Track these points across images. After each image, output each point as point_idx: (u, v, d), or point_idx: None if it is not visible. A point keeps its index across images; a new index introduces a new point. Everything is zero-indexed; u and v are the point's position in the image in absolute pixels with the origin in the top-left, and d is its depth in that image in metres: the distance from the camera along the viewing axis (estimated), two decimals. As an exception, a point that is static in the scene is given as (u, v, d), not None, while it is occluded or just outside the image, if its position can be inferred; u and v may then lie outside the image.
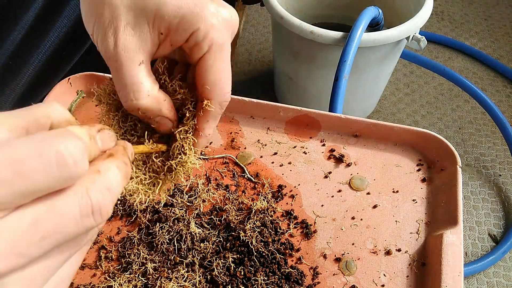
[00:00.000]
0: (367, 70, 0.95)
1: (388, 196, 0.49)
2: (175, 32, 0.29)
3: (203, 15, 0.29)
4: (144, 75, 0.29)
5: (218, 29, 0.29)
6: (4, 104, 0.61)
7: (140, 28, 0.28)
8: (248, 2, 1.17)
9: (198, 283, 0.41)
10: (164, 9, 0.28)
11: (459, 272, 0.40)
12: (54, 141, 0.18)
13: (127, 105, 0.29)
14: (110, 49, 0.28)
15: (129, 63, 0.28)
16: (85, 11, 0.29)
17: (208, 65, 0.30)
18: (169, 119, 0.31)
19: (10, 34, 0.56)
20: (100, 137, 0.23)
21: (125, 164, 0.23)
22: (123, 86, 0.28)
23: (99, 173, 0.21)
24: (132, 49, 0.28)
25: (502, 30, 1.44)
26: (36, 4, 0.56)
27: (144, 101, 0.28)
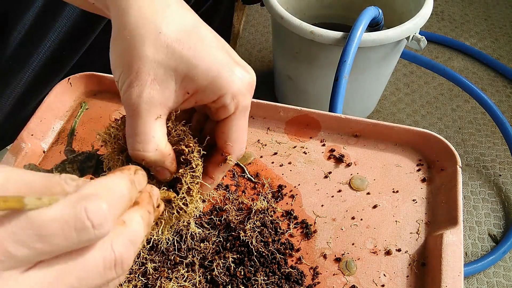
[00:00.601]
0: (367, 70, 0.95)
1: (388, 196, 0.49)
2: (203, 92, 0.30)
3: (232, 80, 0.30)
4: (157, 129, 0.30)
5: (243, 93, 0.31)
6: (5, 104, 0.61)
7: (166, 85, 0.29)
8: (248, 2, 1.17)
9: (198, 283, 0.41)
10: (194, 72, 0.29)
11: (459, 272, 0.40)
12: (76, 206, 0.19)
13: (132, 154, 0.29)
14: (132, 98, 0.28)
15: (147, 116, 0.29)
16: (114, 58, 0.30)
17: (232, 125, 0.32)
18: (169, 171, 0.32)
19: (11, 34, 0.56)
20: (136, 179, 0.24)
21: (148, 213, 0.24)
22: (134, 135, 0.29)
23: (124, 224, 0.22)
24: (154, 103, 0.29)
25: (502, 30, 1.44)
26: (36, 4, 0.56)
27: (150, 154, 0.29)
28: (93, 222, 0.19)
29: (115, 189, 0.22)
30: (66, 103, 0.58)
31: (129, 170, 0.24)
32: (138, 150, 0.29)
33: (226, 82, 0.30)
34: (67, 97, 0.58)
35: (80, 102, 0.59)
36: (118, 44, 0.29)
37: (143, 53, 0.28)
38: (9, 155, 0.51)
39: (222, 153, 0.33)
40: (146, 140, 0.29)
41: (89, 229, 0.19)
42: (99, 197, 0.20)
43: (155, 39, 0.29)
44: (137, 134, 0.29)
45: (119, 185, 0.22)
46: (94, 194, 0.20)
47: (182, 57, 0.29)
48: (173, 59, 0.29)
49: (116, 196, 0.22)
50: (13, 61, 0.58)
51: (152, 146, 0.29)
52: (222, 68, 0.30)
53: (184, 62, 0.29)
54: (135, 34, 0.29)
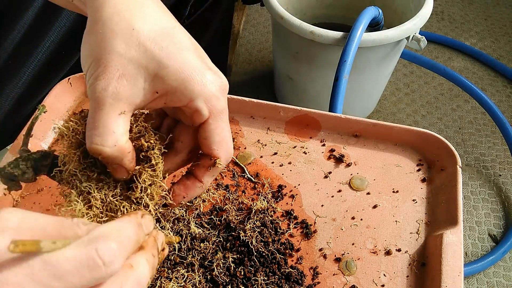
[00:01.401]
0: (367, 70, 0.95)
1: (388, 196, 0.49)
2: (172, 94, 0.30)
3: (203, 83, 0.30)
4: (119, 125, 0.29)
5: (216, 96, 0.31)
6: (4, 103, 0.61)
7: (134, 82, 0.29)
8: (248, 2, 1.17)
9: (198, 283, 0.41)
10: (164, 72, 0.29)
11: (459, 272, 0.40)
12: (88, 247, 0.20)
13: (90, 147, 0.29)
14: (97, 90, 0.28)
15: (110, 110, 0.28)
16: (84, 51, 0.30)
17: (211, 129, 0.32)
18: (126, 169, 0.31)
19: (10, 33, 0.56)
20: (144, 223, 0.25)
21: (153, 256, 0.26)
22: (94, 128, 0.28)
23: (131, 268, 0.23)
24: (119, 98, 0.28)
25: (502, 30, 1.44)
26: (35, 4, 0.56)
27: (108, 150, 0.29)
28: (104, 260, 0.20)
29: (123, 232, 0.23)
30: (66, 103, 0.58)
31: (136, 214, 0.25)
32: (96, 143, 0.28)
33: (197, 85, 0.30)
34: (67, 97, 0.58)
35: (80, 102, 0.59)
36: (90, 38, 0.29)
37: (113, 48, 0.28)
38: (9, 155, 0.51)
39: (211, 158, 0.33)
40: (105, 134, 0.28)
41: (101, 267, 0.20)
42: (109, 238, 0.21)
43: (128, 35, 0.28)
44: (97, 128, 0.28)
45: (127, 228, 0.23)
46: (104, 235, 0.21)
47: (154, 56, 0.29)
48: (144, 57, 0.29)
49: (124, 238, 0.23)
50: (12, 61, 0.58)
51: (111, 141, 0.29)
52: (193, 71, 0.30)
53: (155, 61, 0.29)
54: (107, 28, 0.28)
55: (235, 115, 0.57)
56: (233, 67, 1.32)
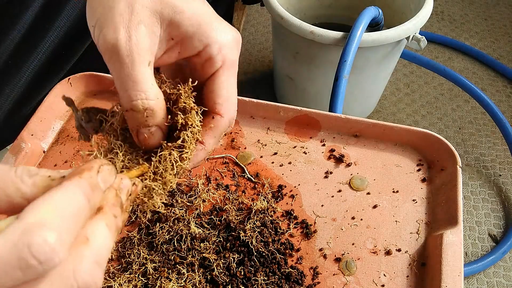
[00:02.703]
0: (367, 70, 0.95)
1: (388, 196, 0.49)
2: (189, 40, 0.28)
3: (219, 30, 0.29)
4: (152, 77, 0.28)
5: (230, 46, 0.30)
6: (4, 103, 0.61)
7: (152, 28, 0.27)
8: (248, 2, 1.17)
9: (198, 283, 0.41)
10: (180, 16, 0.28)
11: (459, 272, 0.40)
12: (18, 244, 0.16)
13: (134, 105, 0.27)
14: (121, 42, 0.26)
15: (141, 61, 0.26)
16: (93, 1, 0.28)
17: (221, 81, 0.30)
18: (164, 132, 0.29)
19: (10, 33, 0.56)
20: (101, 178, 0.21)
21: (115, 217, 0.21)
22: (132, 84, 0.26)
23: (87, 242, 0.19)
24: (144, 47, 0.27)
25: (502, 30, 1.44)
26: (35, 3, 0.56)
27: (154, 103, 0.27)
28: (39, 259, 0.17)
29: (70, 205, 0.19)
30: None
31: (90, 170, 0.21)
32: (142, 98, 0.26)
33: (213, 30, 0.29)
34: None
35: (80, 102, 0.59)
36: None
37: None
38: (9, 155, 0.51)
39: (213, 115, 0.31)
40: (146, 87, 0.27)
41: (36, 266, 0.17)
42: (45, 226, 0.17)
43: None
44: (137, 82, 0.26)
45: (74, 199, 0.19)
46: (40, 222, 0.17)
47: (168, 1, 0.28)
48: (158, 2, 0.27)
49: (71, 214, 0.18)
50: (12, 61, 0.58)
51: (153, 94, 0.27)
52: (210, 18, 0.29)
53: (170, 6, 0.28)
54: None
55: (235, 115, 0.57)
56: (233, 67, 1.31)
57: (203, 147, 0.31)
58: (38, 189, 0.19)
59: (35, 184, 0.19)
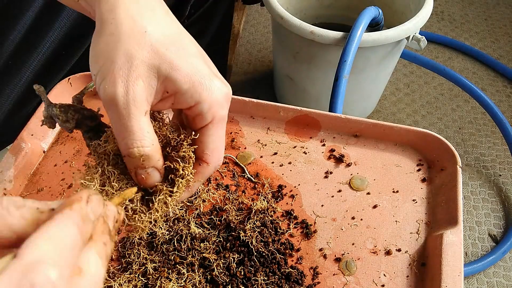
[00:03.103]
0: (367, 70, 0.95)
1: (388, 196, 0.49)
2: (182, 96, 0.31)
3: (211, 89, 0.31)
4: (149, 125, 0.30)
5: (221, 103, 0.32)
6: (4, 103, 0.61)
7: (149, 82, 0.29)
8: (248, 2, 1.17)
9: (198, 283, 0.41)
10: (176, 74, 0.30)
11: (459, 272, 0.40)
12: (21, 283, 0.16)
13: (130, 152, 0.29)
14: (119, 96, 0.28)
15: (138, 113, 0.29)
16: (95, 52, 0.30)
17: (209, 134, 0.33)
18: (160, 172, 0.32)
19: (10, 33, 0.56)
20: (90, 208, 0.21)
21: (104, 245, 0.22)
22: (128, 134, 0.29)
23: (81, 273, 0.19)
24: (141, 99, 0.29)
25: (502, 30, 1.44)
26: (35, 4, 0.56)
27: (149, 149, 0.30)
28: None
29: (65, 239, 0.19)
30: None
31: (79, 202, 0.21)
32: (137, 146, 0.29)
33: (205, 90, 0.31)
34: (67, 97, 0.58)
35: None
36: (101, 40, 0.30)
37: (127, 49, 0.29)
38: (9, 155, 0.51)
39: (200, 162, 0.34)
40: (142, 136, 0.29)
41: None
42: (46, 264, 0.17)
43: (140, 37, 0.29)
44: (133, 132, 0.29)
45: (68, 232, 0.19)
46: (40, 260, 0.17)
47: (166, 58, 0.30)
48: (157, 58, 0.29)
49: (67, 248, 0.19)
50: (12, 61, 0.58)
51: (148, 141, 0.30)
52: (203, 77, 0.31)
53: (167, 63, 0.30)
54: (120, 30, 0.29)
55: (235, 115, 0.57)
56: (233, 67, 1.32)
57: (187, 189, 0.34)
58: (26, 222, 0.19)
59: (23, 216, 0.19)
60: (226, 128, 0.56)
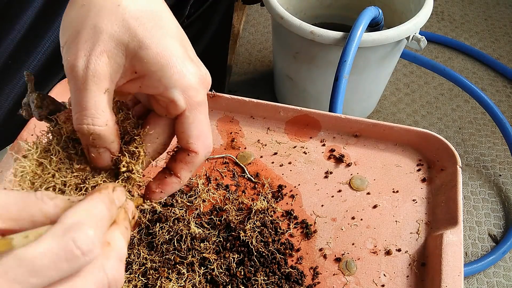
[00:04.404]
0: (367, 70, 0.95)
1: (388, 196, 0.49)
2: (149, 79, 0.29)
3: (182, 73, 0.29)
4: (106, 104, 0.28)
5: (195, 87, 0.30)
6: (4, 103, 0.61)
7: (116, 59, 0.28)
8: (248, 2, 1.17)
9: (198, 283, 0.41)
10: (145, 53, 0.28)
11: (459, 272, 0.40)
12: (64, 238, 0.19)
13: (79, 128, 0.28)
14: (78, 69, 0.27)
15: (95, 89, 0.27)
16: (64, 24, 0.29)
17: (188, 123, 0.31)
18: (112, 154, 0.30)
19: (10, 33, 0.56)
20: (116, 195, 0.24)
21: (126, 229, 0.25)
22: (82, 108, 0.28)
23: (109, 245, 0.22)
24: (102, 75, 0.27)
25: (502, 30, 1.44)
26: (35, 3, 0.56)
27: (101, 129, 0.28)
28: (83, 250, 0.19)
29: (97, 213, 0.22)
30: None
31: (107, 189, 0.24)
32: (87, 123, 0.28)
33: (176, 73, 0.29)
34: (67, 97, 0.58)
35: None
36: (72, 10, 0.28)
37: (96, 23, 0.27)
38: (9, 155, 0.51)
39: (188, 152, 0.32)
40: (96, 114, 0.28)
41: (79, 257, 0.19)
42: (85, 224, 0.20)
43: (112, 10, 0.28)
44: (86, 108, 0.27)
45: (100, 208, 0.22)
46: (79, 222, 0.20)
47: (136, 35, 0.28)
48: (126, 34, 0.28)
49: (99, 220, 0.22)
50: (12, 61, 0.58)
51: (102, 120, 0.28)
52: (174, 59, 0.29)
53: (137, 40, 0.28)
54: (92, 1, 0.28)
55: (235, 115, 0.57)
56: (233, 67, 1.32)
57: (178, 180, 0.33)
58: (60, 209, 0.22)
59: (57, 204, 0.21)
60: (226, 128, 0.56)
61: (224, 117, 0.57)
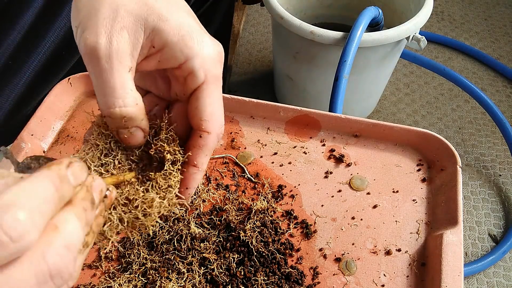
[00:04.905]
0: (367, 70, 0.95)
1: (388, 196, 0.49)
2: (170, 50, 0.28)
3: (203, 43, 0.29)
4: (132, 83, 0.27)
5: (213, 60, 0.29)
6: (4, 103, 0.61)
7: (135, 34, 0.27)
8: (248, 2, 1.17)
9: (198, 283, 0.41)
10: (165, 24, 0.28)
11: (459, 272, 0.40)
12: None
13: (110, 112, 0.27)
14: (101, 47, 0.26)
15: (121, 67, 0.26)
16: (79, 3, 0.28)
17: (205, 96, 0.29)
18: (144, 131, 0.30)
19: (10, 33, 0.56)
20: (71, 172, 0.21)
21: (84, 210, 0.22)
22: (110, 91, 0.26)
23: (56, 229, 0.20)
24: (125, 53, 0.27)
25: (502, 30, 1.44)
26: (35, 4, 0.56)
27: (131, 109, 0.27)
28: (11, 235, 0.17)
29: (38, 192, 0.19)
30: (66, 103, 0.58)
31: (59, 164, 0.21)
32: (119, 106, 0.26)
33: (197, 43, 0.28)
34: (67, 97, 0.58)
35: (80, 102, 0.59)
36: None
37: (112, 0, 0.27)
38: (9, 155, 0.51)
39: (200, 134, 0.30)
40: (125, 94, 0.26)
41: (8, 244, 0.17)
42: (16, 206, 0.18)
43: None
44: (115, 89, 0.26)
45: (43, 186, 0.20)
46: (10, 203, 0.18)
47: (155, 9, 0.27)
48: (144, 9, 0.27)
49: (40, 200, 0.19)
50: (13, 61, 0.58)
51: (132, 100, 0.27)
52: (193, 30, 0.28)
53: (156, 13, 0.27)
54: None
55: (235, 115, 0.57)
56: (233, 67, 1.32)
57: (197, 168, 0.32)
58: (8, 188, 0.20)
59: (7, 184, 0.20)
60: (226, 128, 0.56)
61: (224, 117, 0.57)
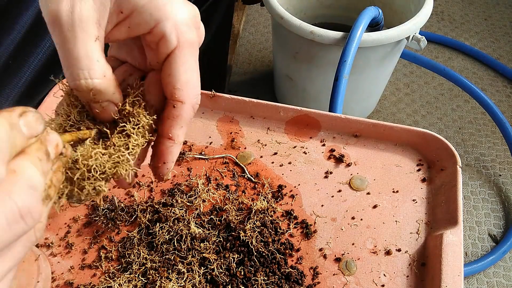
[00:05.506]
0: (367, 70, 0.95)
1: (388, 196, 0.49)
2: (139, 14, 0.26)
3: (174, 6, 0.27)
4: (100, 53, 0.25)
5: (187, 23, 0.27)
6: (4, 103, 0.61)
7: (101, 0, 0.25)
8: (248, 2, 1.17)
9: (198, 283, 0.41)
10: None
11: (459, 272, 0.40)
12: None
13: (77, 85, 0.25)
14: (63, 15, 0.24)
15: (85, 36, 0.24)
16: None
17: (178, 62, 0.27)
18: (116, 105, 0.28)
19: (10, 33, 0.56)
20: (24, 122, 0.20)
21: (39, 160, 0.21)
22: (75, 62, 0.24)
23: (15, 173, 0.19)
24: (90, 21, 0.24)
25: (502, 30, 1.44)
26: (35, 4, 0.56)
27: (99, 81, 0.25)
28: None
29: None
30: (66, 103, 0.58)
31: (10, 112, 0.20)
32: (85, 78, 0.24)
33: (167, 4, 0.26)
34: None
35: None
36: None
37: None
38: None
39: (174, 103, 0.28)
40: (91, 65, 0.24)
41: None
42: None
43: None
44: (80, 60, 0.24)
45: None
46: None
47: None
48: None
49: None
50: (13, 61, 0.58)
51: (99, 71, 0.25)
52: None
53: None
54: None
55: (235, 115, 0.57)
56: (233, 67, 1.32)
57: (172, 141, 0.30)
58: None
59: None
60: (226, 128, 0.56)
61: (224, 117, 0.57)
